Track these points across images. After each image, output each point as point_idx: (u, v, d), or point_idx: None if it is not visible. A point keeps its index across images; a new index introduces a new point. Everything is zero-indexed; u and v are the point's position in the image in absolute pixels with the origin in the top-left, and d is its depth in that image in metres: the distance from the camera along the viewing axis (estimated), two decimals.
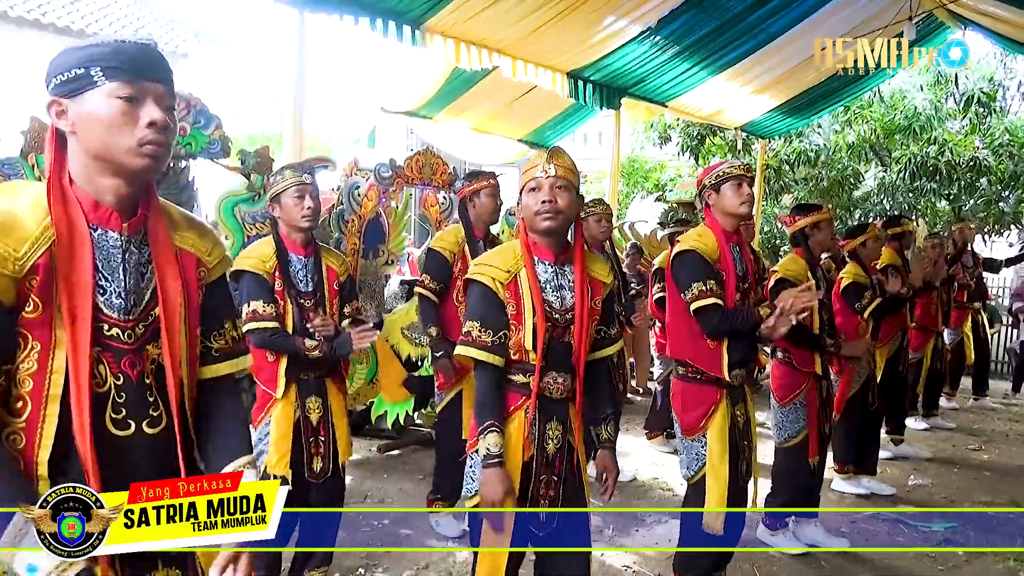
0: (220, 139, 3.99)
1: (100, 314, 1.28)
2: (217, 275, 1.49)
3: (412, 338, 5.02)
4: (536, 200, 2.14)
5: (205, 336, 1.45)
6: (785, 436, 3.69)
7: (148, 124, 1.25)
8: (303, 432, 2.89)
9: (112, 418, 1.28)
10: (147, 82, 1.27)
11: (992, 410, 7.48)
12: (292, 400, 2.88)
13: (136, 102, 1.26)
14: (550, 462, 2.22)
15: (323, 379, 2.95)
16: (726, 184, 2.81)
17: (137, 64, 1.26)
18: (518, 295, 2.15)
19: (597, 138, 17.12)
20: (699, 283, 2.72)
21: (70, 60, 1.26)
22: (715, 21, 5.98)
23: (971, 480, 5.12)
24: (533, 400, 2.16)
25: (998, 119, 9.98)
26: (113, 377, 1.28)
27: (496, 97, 7.16)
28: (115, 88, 1.24)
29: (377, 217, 4.92)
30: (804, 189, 10.66)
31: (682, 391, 2.89)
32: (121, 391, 1.29)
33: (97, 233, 1.29)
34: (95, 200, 1.29)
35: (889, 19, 6.07)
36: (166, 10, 14.12)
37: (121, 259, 1.31)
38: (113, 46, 1.26)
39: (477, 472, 2.19)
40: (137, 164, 1.27)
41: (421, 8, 4.70)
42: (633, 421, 6.22)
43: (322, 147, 14.40)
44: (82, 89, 1.25)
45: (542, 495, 2.22)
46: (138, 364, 1.31)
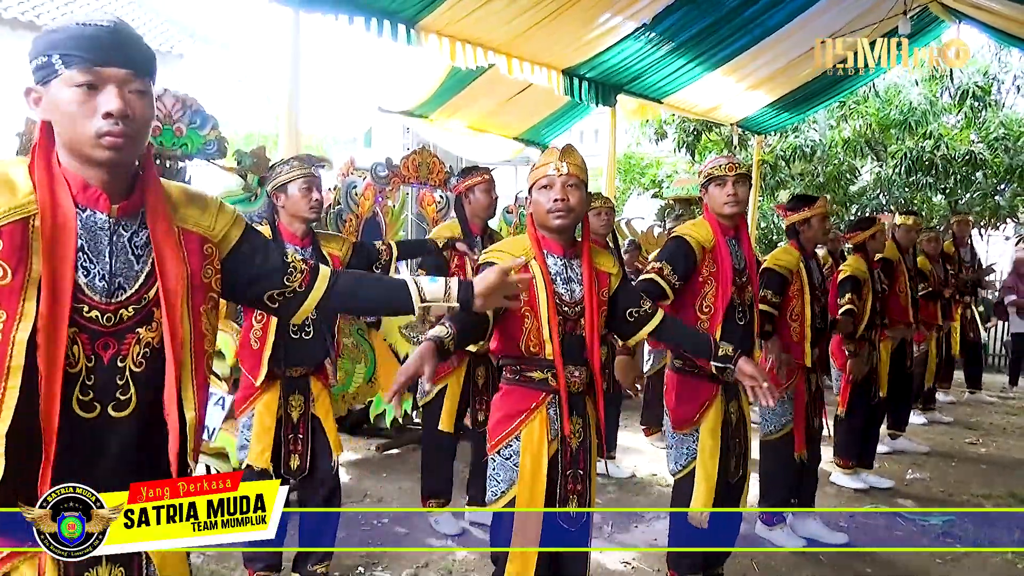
0: (216, 139, 3.98)
1: (80, 295, 1.25)
2: (233, 240, 1.45)
3: (410, 337, 5.03)
4: (548, 198, 2.17)
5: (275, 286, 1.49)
6: (769, 429, 3.69)
7: (104, 115, 1.21)
8: (283, 429, 2.90)
9: (79, 399, 1.25)
10: (106, 67, 1.21)
11: (989, 403, 7.50)
12: (276, 395, 2.89)
13: (95, 89, 1.21)
14: (575, 457, 2.23)
15: (307, 377, 2.95)
16: (712, 184, 2.83)
17: (96, 48, 1.21)
18: (531, 286, 2.16)
19: (593, 135, 17.15)
20: (663, 263, 2.73)
21: (38, 47, 1.23)
22: (710, 17, 5.98)
23: (969, 473, 5.13)
24: (564, 394, 2.17)
25: (993, 113, 10.01)
26: (85, 358, 1.25)
27: (492, 95, 7.16)
28: (71, 76, 1.20)
29: (374, 216, 4.93)
30: (800, 185, 10.68)
31: (677, 384, 2.87)
32: (91, 373, 1.26)
33: (85, 214, 1.27)
34: (84, 181, 1.27)
35: (884, 14, 6.09)
36: (161, 11, 14.10)
37: (108, 241, 1.28)
38: (73, 30, 1.21)
39: (500, 474, 2.21)
40: (98, 156, 1.23)
41: (416, 7, 4.70)
42: (631, 417, 6.23)
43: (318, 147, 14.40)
44: (48, 78, 1.22)
45: (570, 491, 2.23)
46: (112, 347, 1.28)
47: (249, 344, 2.88)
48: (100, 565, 1.30)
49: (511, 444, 2.20)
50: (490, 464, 2.26)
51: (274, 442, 2.88)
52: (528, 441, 2.17)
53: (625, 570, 3.49)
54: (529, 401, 2.19)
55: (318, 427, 2.95)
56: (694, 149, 10.63)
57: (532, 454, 2.16)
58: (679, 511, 2.83)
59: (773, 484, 3.75)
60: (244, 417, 2.93)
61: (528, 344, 2.18)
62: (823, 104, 9.04)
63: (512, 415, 2.21)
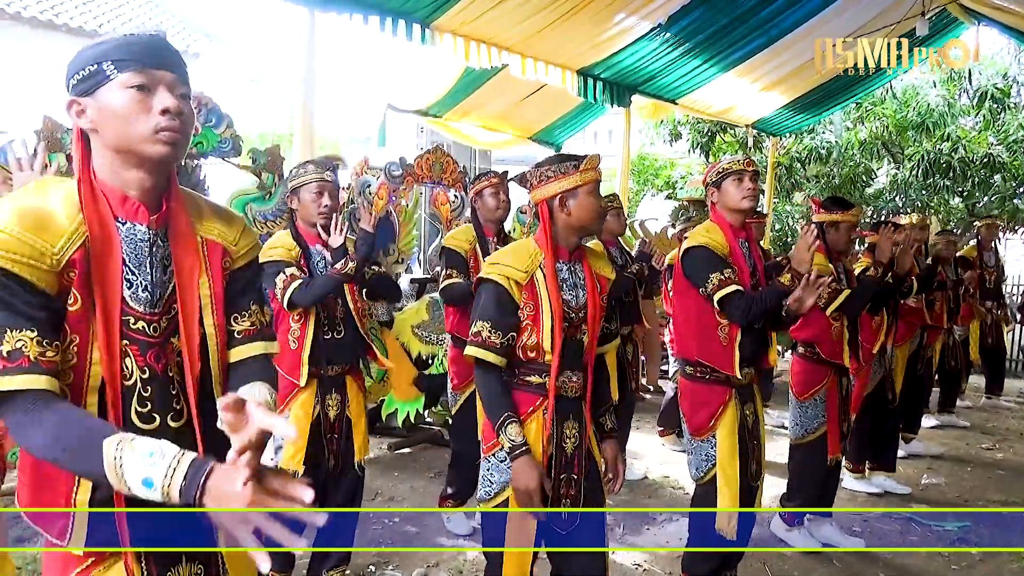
0: (231, 138, 4.00)
1: (127, 307, 1.29)
2: (243, 263, 1.48)
3: (423, 336, 5.03)
4: (599, 202, 2.21)
5: (228, 320, 1.44)
6: (801, 432, 3.66)
7: (162, 111, 1.26)
8: (321, 429, 2.91)
9: (137, 411, 1.29)
10: (158, 70, 1.28)
11: (1007, 409, 7.41)
12: (312, 395, 2.90)
13: (148, 91, 1.27)
14: (569, 461, 2.23)
15: (343, 376, 2.96)
16: (727, 180, 2.79)
17: (147, 54, 1.28)
18: (535, 295, 2.15)
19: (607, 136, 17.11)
20: (717, 273, 2.67)
21: (84, 58, 1.28)
22: (725, 18, 5.95)
23: (985, 479, 5.08)
24: (551, 399, 2.16)
25: (1012, 115, 9.88)
26: (139, 370, 1.30)
27: (505, 96, 7.15)
28: (127, 79, 1.25)
29: (388, 215, 4.93)
30: (816, 187, 10.60)
31: (690, 391, 2.86)
32: (147, 384, 1.30)
33: (125, 227, 1.30)
34: (123, 194, 1.31)
35: (901, 15, 6.02)
36: (177, 10, 14.21)
37: (148, 252, 1.32)
38: (122, 40, 1.28)
39: (495, 475, 2.20)
40: (155, 152, 1.27)
41: (430, 7, 4.70)
42: (645, 420, 6.21)
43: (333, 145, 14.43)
44: (97, 85, 1.26)
45: (563, 494, 2.23)
46: (163, 357, 1.32)
47: (287, 345, 2.87)
48: (180, 564, 1.36)
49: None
50: (483, 465, 2.25)
51: (313, 442, 2.89)
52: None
53: (637, 572, 3.47)
54: (526, 405, 2.18)
55: (349, 428, 2.96)
56: (708, 150, 10.57)
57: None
58: (699, 512, 2.82)
59: (802, 486, 3.71)
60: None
61: (526, 349, 2.17)
62: (839, 105, 8.97)
63: None
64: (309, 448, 2.87)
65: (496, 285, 2.16)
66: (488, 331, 2.13)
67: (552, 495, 2.19)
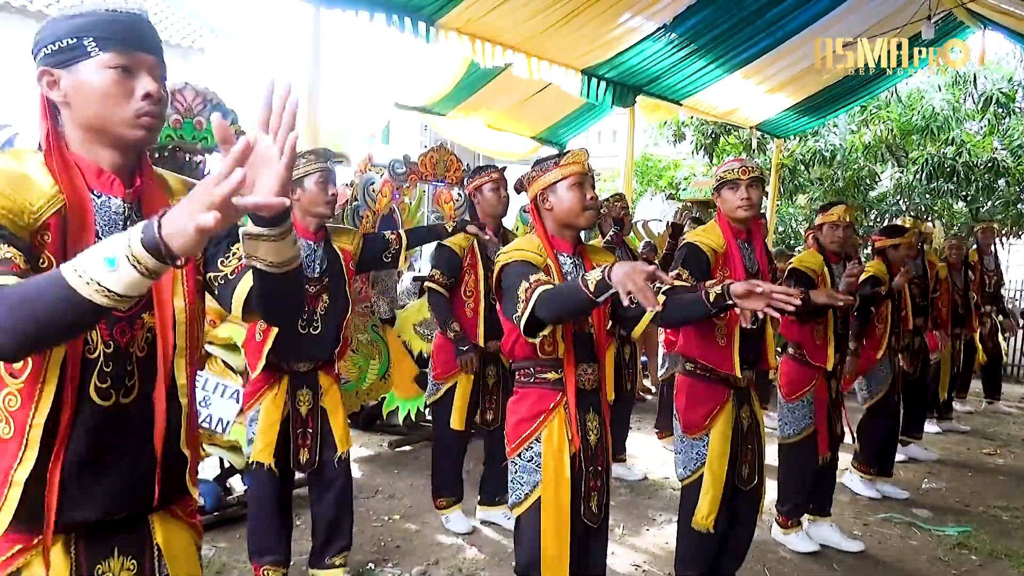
0: (236, 133, 3.99)
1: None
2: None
3: (424, 334, 5.03)
4: (582, 196, 2.19)
5: (214, 267, 1.41)
6: (788, 432, 3.69)
7: (144, 96, 1.24)
8: (292, 423, 2.89)
9: (97, 386, 1.25)
10: (141, 53, 1.25)
11: (1007, 414, 7.40)
12: (283, 391, 2.88)
13: (130, 73, 1.24)
14: (594, 453, 2.24)
15: (315, 372, 2.93)
16: (725, 187, 2.80)
17: (131, 35, 1.25)
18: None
19: (611, 136, 17.08)
20: (680, 269, 2.72)
21: (61, 29, 1.24)
22: (731, 19, 5.94)
23: (986, 484, 5.07)
24: (571, 392, 2.17)
25: (1017, 120, 9.88)
26: (103, 344, 1.26)
27: (510, 94, 7.14)
28: (109, 58, 1.23)
29: (391, 213, 4.93)
30: (819, 189, 10.60)
31: (688, 387, 2.85)
32: (109, 359, 1.26)
33: (100, 200, 1.28)
34: (97, 167, 1.29)
35: (907, 18, 6.01)
36: (183, 5, 14.20)
37: (123, 226, 1.28)
38: (106, 16, 1.24)
39: (523, 476, 2.21)
40: (133, 136, 1.26)
41: (435, 4, 4.70)
42: (644, 420, 6.21)
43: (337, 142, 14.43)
44: (75, 59, 1.23)
45: (591, 487, 2.23)
46: (128, 332, 1.29)
47: (253, 337, 2.88)
48: (112, 557, 1.31)
49: (532, 446, 2.20)
50: (511, 468, 2.25)
51: (283, 437, 2.88)
52: (549, 442, 2.18)
53: (635, 573, 3.47)
54: (547, 402, 2.20)
55: (325, 420, 2.94)
56: (712, 151, 10.56)
57: (554, 454, 2.17)
58: (687, 514, 2.81)
59: (790, 487, 3.74)
60: (251, 412, 2.92)
61: (543, 344, 2.17)
62: (844, 108, 8.95)
63: (531, 417, 2.21)
64: (279, 444, 2.87)
65: (520, 262, 2.16)
66: (526, 284, 2.03)
67: (583, 491, 2.20)
